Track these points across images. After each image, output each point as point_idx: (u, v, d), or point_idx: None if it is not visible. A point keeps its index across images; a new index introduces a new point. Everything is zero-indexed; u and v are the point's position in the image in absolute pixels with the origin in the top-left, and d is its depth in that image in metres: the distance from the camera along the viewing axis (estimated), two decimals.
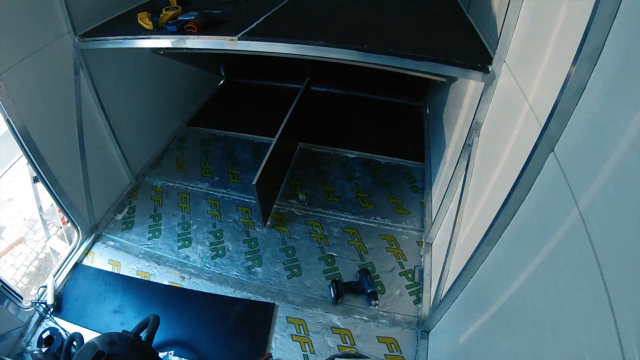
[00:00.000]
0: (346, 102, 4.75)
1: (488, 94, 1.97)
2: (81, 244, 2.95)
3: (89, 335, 2.43)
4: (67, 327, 2.48)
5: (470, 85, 2.42)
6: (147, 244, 3.06)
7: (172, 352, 2.36)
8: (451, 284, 1.93)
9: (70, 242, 3.03)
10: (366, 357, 2.32)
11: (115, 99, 3.09)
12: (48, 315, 2.52)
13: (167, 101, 3.99)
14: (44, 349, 2.27)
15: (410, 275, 2.79)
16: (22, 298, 2.47)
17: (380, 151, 3.89)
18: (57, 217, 3.94)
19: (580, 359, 0.85)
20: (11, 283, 2.48)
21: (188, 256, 2.96)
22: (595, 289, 0.83)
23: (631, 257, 0.75)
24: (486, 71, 1.91)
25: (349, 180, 3.59)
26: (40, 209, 4.53)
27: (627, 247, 0.76)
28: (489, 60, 1.93)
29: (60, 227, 4.13)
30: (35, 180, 2.64)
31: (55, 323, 2.48)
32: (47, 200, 2.72)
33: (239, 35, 2.25)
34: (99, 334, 2.04)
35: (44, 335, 2.36)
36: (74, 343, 2.24)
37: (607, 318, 0.77)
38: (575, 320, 0.91)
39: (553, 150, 1.14)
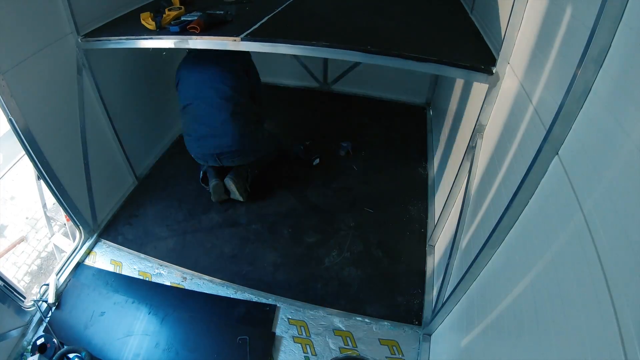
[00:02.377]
0: (347, 101, 4.75)
1: (492, 96, 1.95)
2: (83, 243, 2.95)
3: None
4: None
5: (474, 87, 2.41)
6: None
7: None
8: (454, 286, 1.92)
9: (74, 239, 3.03)
10: None
11: (117, 99, 3.09)
12: (45, 318, 2.50)
13: (171, 101, 3.97)
14: (36, 356, 2.25)
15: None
16: (25, 297, 2.47)
17: (382, 153, 3.88)
18: (61, 214, 3.95)
19: None
20: (13, 281, 2.47)
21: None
22: (599, 294, 0.82)
23: (635, 262, 0.74)
24: (490, 73, 1.90)
25: None
26: (44, 205, 4.55)
27: (632, 252, 0.76)
28: (492, 61, 1.92)
29: (65, 225, 4.14)
30: (39, 177, 2.64)
31: (50, 326, 2.46)
32: (51, 197, 2.74)
33: (242, 36, 2.25)
34: None
35: (38, 342, 2.35)
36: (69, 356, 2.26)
37: (611, 323, 0.76)
38: (578, 325, 0.90)
39: (557, 154, 1.13)
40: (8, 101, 2.15)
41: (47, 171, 2.50)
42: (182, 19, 2.48)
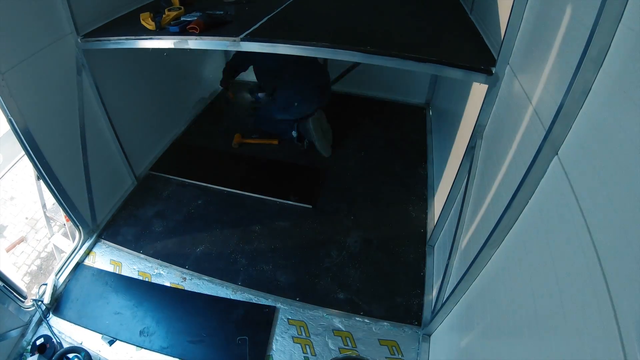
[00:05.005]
0: (347, 101, 4.74)
1: (491, 97, 1.95)
2: (82, 243, 2.95)
3: (87, 336, 2.46)
4: (68, 328, 2.49)
5: (474, 87, 2.41)
6: None
7: None
8: (453, 286, 1.92)
9: (74, 239, 3.03)
10: None
11: (117, 99, 3.09)
12: (44, 318, 2.50)
13: (171, 102, 3.99)
14: (36, 356, 2.25)
15: None
16: (25, 297, 2.47)
17: (382, 153, 3.88)
18: (60, 214, 3.95)
19: None
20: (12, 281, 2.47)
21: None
22: (598, 294, 0.82)
23: (635, 262, 0.74)
24: (489, 73, 1.90)
25: None
26: (44, 206, 4.56)
27: (631, 252, 0.76)
28: (492, 62, 1.91)
29: (64, 225, 4.15)
30: (39, 177, 2.64)
31: (50, 327, 2.46)
32: (51, 197, 2.76)
33: (242, 36, 2.25)
34: None
35: (38, 342, 2.35)
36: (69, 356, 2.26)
37: (611, 323, 0.76)
38: (578, 326, 0.90)
39: (557, 154, 1.13)
40: (8, 101, 2.15)
41: (46, 171, 2.50)
42: (181, 19, 2.49)
